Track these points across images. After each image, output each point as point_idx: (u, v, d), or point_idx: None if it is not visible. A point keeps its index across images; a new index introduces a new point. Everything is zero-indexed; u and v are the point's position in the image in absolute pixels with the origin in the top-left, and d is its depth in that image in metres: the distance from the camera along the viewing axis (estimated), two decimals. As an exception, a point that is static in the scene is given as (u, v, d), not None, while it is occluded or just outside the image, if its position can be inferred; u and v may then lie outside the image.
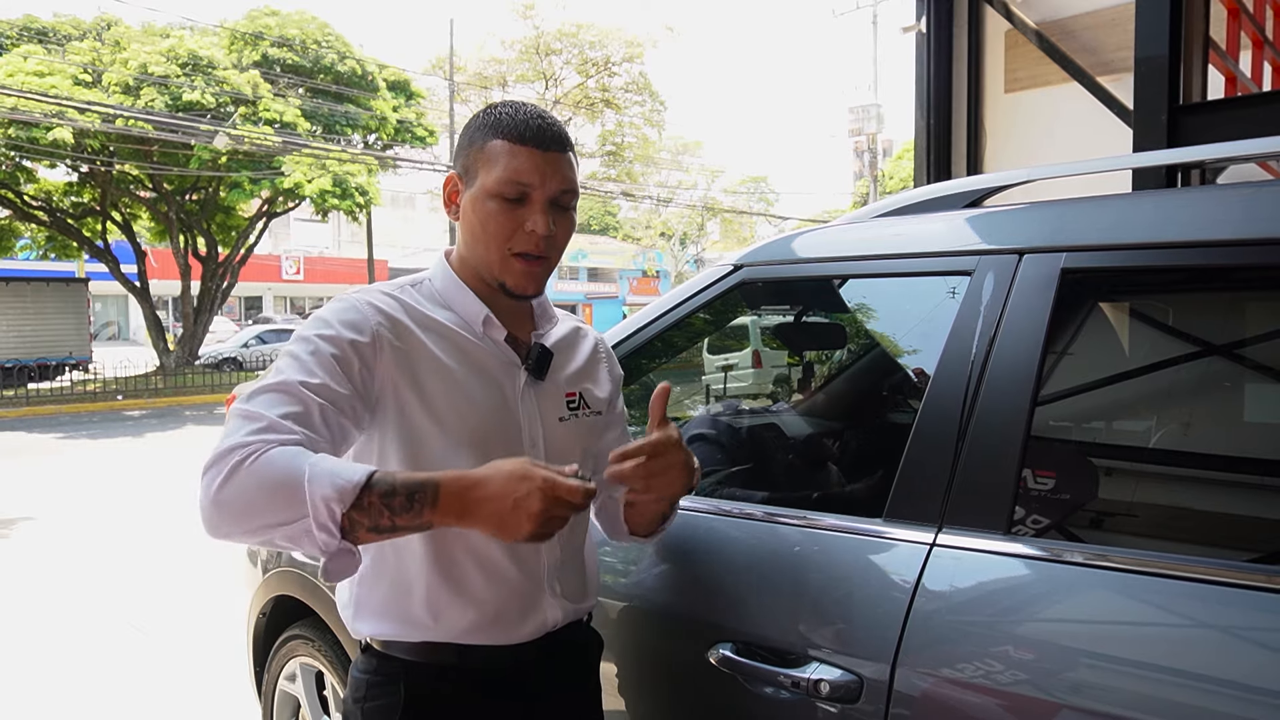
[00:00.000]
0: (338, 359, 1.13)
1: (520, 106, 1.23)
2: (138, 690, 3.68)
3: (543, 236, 1.20)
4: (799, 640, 1.27)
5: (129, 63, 15.35)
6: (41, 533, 6.56)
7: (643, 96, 26.05)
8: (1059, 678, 1.05)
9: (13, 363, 16.65)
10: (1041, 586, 1.14)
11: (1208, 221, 1.17)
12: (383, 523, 1.02)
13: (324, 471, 1.00)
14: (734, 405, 1.96)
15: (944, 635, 1.16)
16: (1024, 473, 1.21)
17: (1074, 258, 1.23)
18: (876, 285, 1.62)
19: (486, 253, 1.22)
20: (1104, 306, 1.50)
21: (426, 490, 1.03)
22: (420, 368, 1.19)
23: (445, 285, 1.28)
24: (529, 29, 24.12)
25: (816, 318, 2.09)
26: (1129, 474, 1.64)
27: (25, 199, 17.17)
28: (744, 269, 1.61)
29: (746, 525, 1.44)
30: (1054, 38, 5.43)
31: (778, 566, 1.36)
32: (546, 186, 1.20)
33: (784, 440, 1.98)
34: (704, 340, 5.22)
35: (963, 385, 1.26)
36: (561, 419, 1.31)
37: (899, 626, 1.18)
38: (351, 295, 1.22)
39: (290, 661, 2.33)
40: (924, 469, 1.27)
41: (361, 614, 1.24)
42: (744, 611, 1.34)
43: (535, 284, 1.25)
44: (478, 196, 1.20)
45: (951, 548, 1.21)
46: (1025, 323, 1.24)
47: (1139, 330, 1.67)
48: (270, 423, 1.05)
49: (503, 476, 1.04)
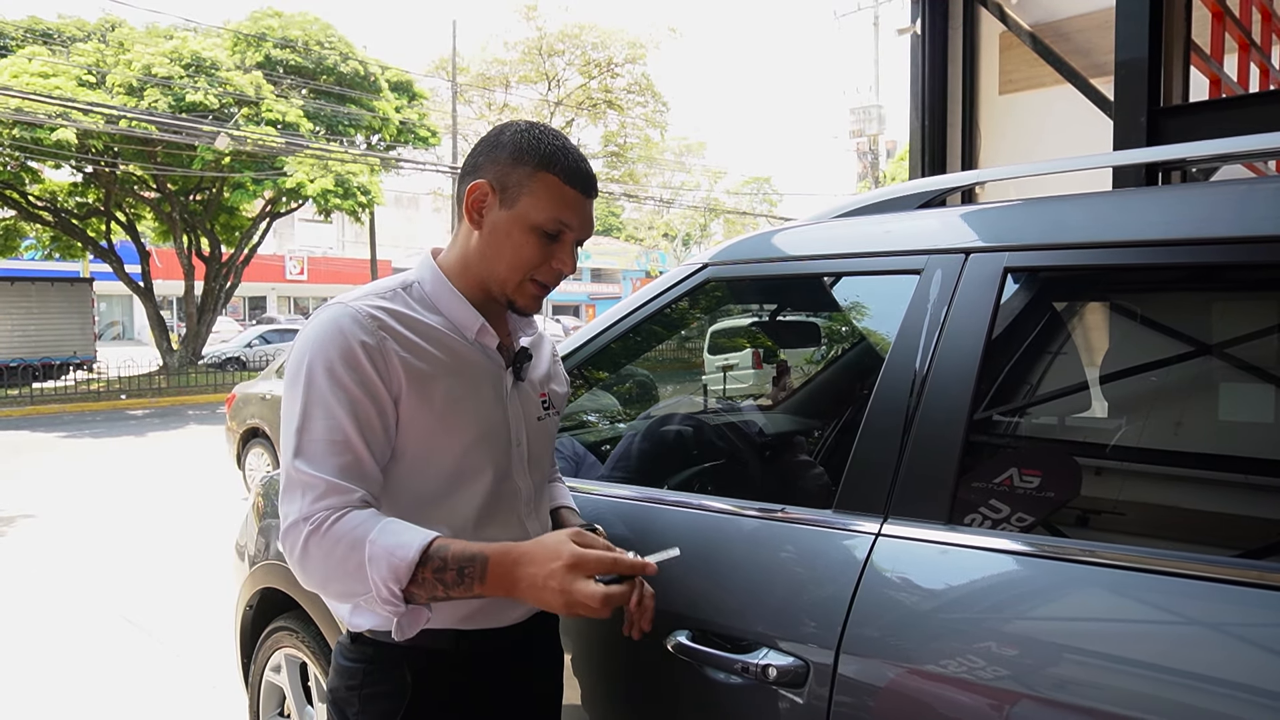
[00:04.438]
0: (365, 384, 1.17)
1: (568, 143, 1.27)
2: (131, 685, 3.72)
3: (567, 274, 1.30)
4: (751, 627, 1.32)
5: (133, 64, 15.43)
6: (41, 530, 6.62)
7: (645, 97, 26.11)
8: (996, 664, 1.09)
9: (18, 362, 16.74)
10: (982, 576, 1.18)
11: (1145, 222, 1.21)
12: (438, 594, 1.12)
13: (381, 551, 1.09)
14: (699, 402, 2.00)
15: (886, 622, 1.20)
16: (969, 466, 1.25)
17: (1016, 257, 1.27)
18: (835, 284, 1.67)
19: (508, 274, 1.27)
20: (1047, 305, 1.54)
21: (475, 565, 1.11)
22: (424, 374, 1.23)
23: (437, 290, 1.30)
24: (532, 30, 24.21)
25: (782, 316, 2.13)
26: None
27: (30, 199, 17.27)
28: (710, 268, 1.66)
29: (704, 517, 1.48)
30: (1048, 40, 5.46)
31: (733, 556, 1.40)
32: (582, 230, 1.28)
33: (744, 436, 2.02)
34: (706, 339, 5.27)
35: (909, 381, 1.30)
36: (539, 419, 1.40)
37: (843, 614, 1.22)
38: (351, 305, 1.22)
39: (275, 653, 2.38)
40: (871, 461, 1.31)
41: (359, 609, 1.26)
42: (700, 600, 1.38)
43: (539, 307, 1.34)
44: (517, 224, 1.24)
45: (896, 537, 1.25)
46: (969, 320, 1.28)
47: (1083, 328, 1.71)
48: (327, 486, 1.13)
49: (540, 551, 1.13)
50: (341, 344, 1.18)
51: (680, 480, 1.91)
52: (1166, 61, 3.23)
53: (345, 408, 1.16)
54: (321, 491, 1.13)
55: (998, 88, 5.97)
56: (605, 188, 27.64)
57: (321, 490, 1.13)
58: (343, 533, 1.11)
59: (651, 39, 24.74)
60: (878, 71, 23.67)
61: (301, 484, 1.14)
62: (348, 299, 1.24)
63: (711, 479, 1.91)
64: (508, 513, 1.33)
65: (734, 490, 1.83)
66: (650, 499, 1.55)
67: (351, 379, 1.16)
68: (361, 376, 1.17)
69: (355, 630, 1.30)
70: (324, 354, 1.18)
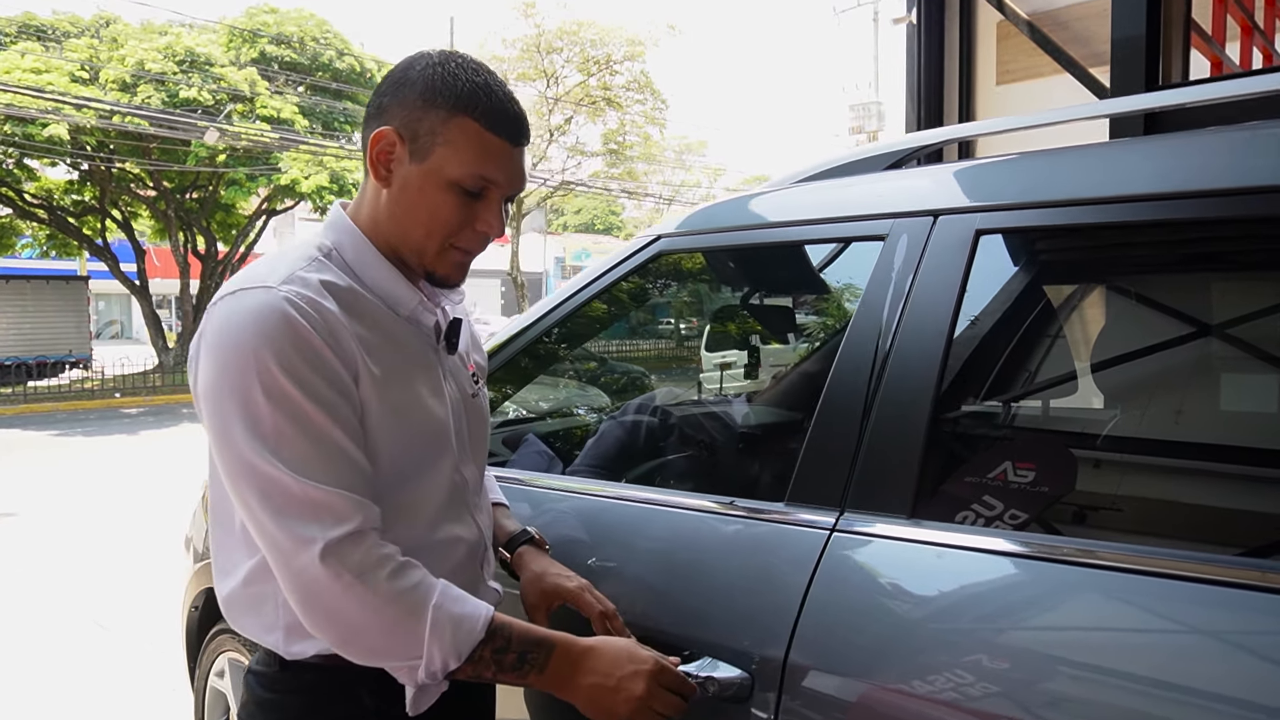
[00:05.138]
0: (334, 380, 0.99)
1: (492, 79, 1.06)
2: (90, 688, 3.60)
3: (494, 237, 1.10)
4: (694, 635, 1.18)
5: (126, 60, 15.34)
6: (21, 529, 6.50)
7: (644, 95, 25.94)
8: (965, 679, 0.96)
9: (12, 360, 16.64)
10: (949, 576, 1.04)
11: (1132, 175, 1.07)
12: (485, 675, 1.00)
13: (447, 621, 0.97)
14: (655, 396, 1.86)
15: (840, 629, 1.06)
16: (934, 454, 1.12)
17: (990, 218, 1.14)
18: (795, 254, 1.53)
19: (424, 240, 1.07)
20: (1028, 272, 1.40)
21: (541, 651, 1.01)
22: (373, 358, 1.04)
23: (363, 259, 1.08)
24: (530, 27, 24.04)
25: (742, 292, 1.99)
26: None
27: (26, 197, 17.18)
28: (663, 239, 1.52)
29: (646, 511, 1.34)
30: (1046, 29, 5.32)
31: (676, 554, 1.26)
32: (510, 185, 1.07)
33: (709, 426, 1.88)
34: (704, 337, 5.13)
35: (870, 358, 1.16)
36: (473, 395, 1.22)
37: (792, 620, 1.09)
38: (282, 289, 0.99)
39: (219, 657, 2.25)
40: (827, 449, 1.17)
41: (297, 634, 1.05)
42: (641, 602, 1.25)
43: (464, 275, 1.13)
44: (431, 180, 1.03)
45: (853, 533, 1.11)
46: (937, 291, 1.14)
47: (1068, 298, 1.57)
48: (342, 502, 0.96)
49: (613, 651, 1.02)
50: (291, 336, 0.96)
51: (637, 474, 1.77)
52: (1166, 40, 3.10)
53: (324, 411, 0.97)
54: (337, 515, 0.95)
55: (995, 78, 5.84)
56: (605, 186, 27.50)
57: (338, 508, 0.95)
58: (400, 591, 0.96)
59: (650, 36, 24.58)
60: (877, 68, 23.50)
61: (309, 504, 0.94)
62: (269, 279, 1.00)
63: (672, 472, 1.77)
64: (458, 508, 1.16)
65: (693, 484, 1.70)
66: (588, 492, 1.41)
67: (319, 376, 0.97)
68: (328, 372, 0.98)
69: (294, 658, 1.06)
70: (274, 350, 0.95)
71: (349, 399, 1.00)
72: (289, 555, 0.95)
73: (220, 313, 1.00)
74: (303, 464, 0.95)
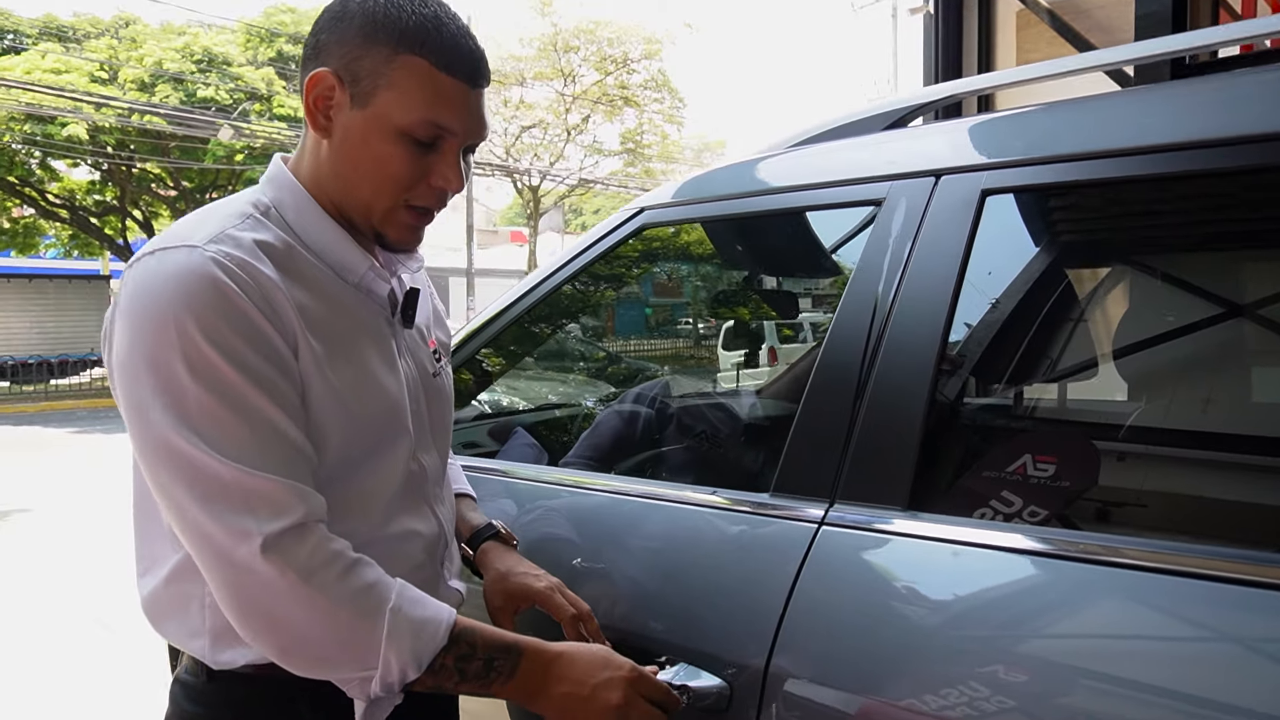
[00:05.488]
0: (272, 354, 0.87)
1: (441, 13, 0.92)
2: (91, 687, 3.55)
3: (452, 194, 0.96)
4: (669, 640, 1.07)
5: (144, 60, 15.45)
6: (34, 525, 6.51)
7: (662, 94, 25.84)
8: (967, 690, 0.84)
9: (35, 359, 16.82)
10: (945, 572, 0.93)
11: (1160, 122, 0.95)
12: (446, 685, 0.90)
13: (406, 627, 0.86)
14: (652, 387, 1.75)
15: (827, 630, 0.95)
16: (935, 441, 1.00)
17: (997, 176, 1.02)
18: (785, 223, 1.41)
19: (371, 197, 0.93)
20: (1040, 236, 1.28)
21: (509, 658, 0.91)
22: (317, 330, 0.92)
23: (306, 219, 0.96)
24: (547, 26, 24.01)
25: (724, 264, 1.87)
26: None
27: (48, 197, 17.36)
28: (646, 211, 1.41)
29: (618, 503, 1.24)
30: (1066, 17, 5.17)
31: (652, 551, 1.15)
32: (469, 134, 0.94)
33: (689, 415, 1.77)
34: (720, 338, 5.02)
35: (863, 335, 1.05)
36: (434, 374, 1.10)
37: (775, 622, 0.98)
38: (209, 249, 0.86)
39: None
40: (817, 435, 1.06)
41: (226, 640, 0.93)
42: (612, 603, 1.14)
43: (418, 240, 1.00)
44: (376, 129, 0.91)
45: (844, 526, 1.00)
46: (938, 258, 1.02)
47: (1086, 265, 1.44)
48: (284, 490, 0.84)
49: (587, 657, 0.94)
50: (219, 302, 0.83)
51: (625, 466, 1.66)
52: (1192, 14, 2.95)
53: (257, 388, 0.84)
54: (279, 500, 0.83)
55: (1015, 67, 5.69)
56: (624, 185, 27.36)
57: (278, 498, 0.83)
58: (353, 593, 0.84)
59: (668, 34, 24.51)
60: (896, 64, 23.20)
61: (241, 490, 0.82)
62: (193, 238, 0.86)
63: (656, 463, 1.66)
64: (415, 499, 1.04)
65: (673, 475, 1.59)
66: (559, 482, 1.31)
67: (251, 349, 0.85)
68: (262, 344, 0.86)
69: (223, 668, 0.93)
70: (198, 318, 0.82)
71: (287, 375, 0.88)
72: (223, 550, 0.82)
73: (136, 276, 0.87)
74: (234, 448, 0.83)
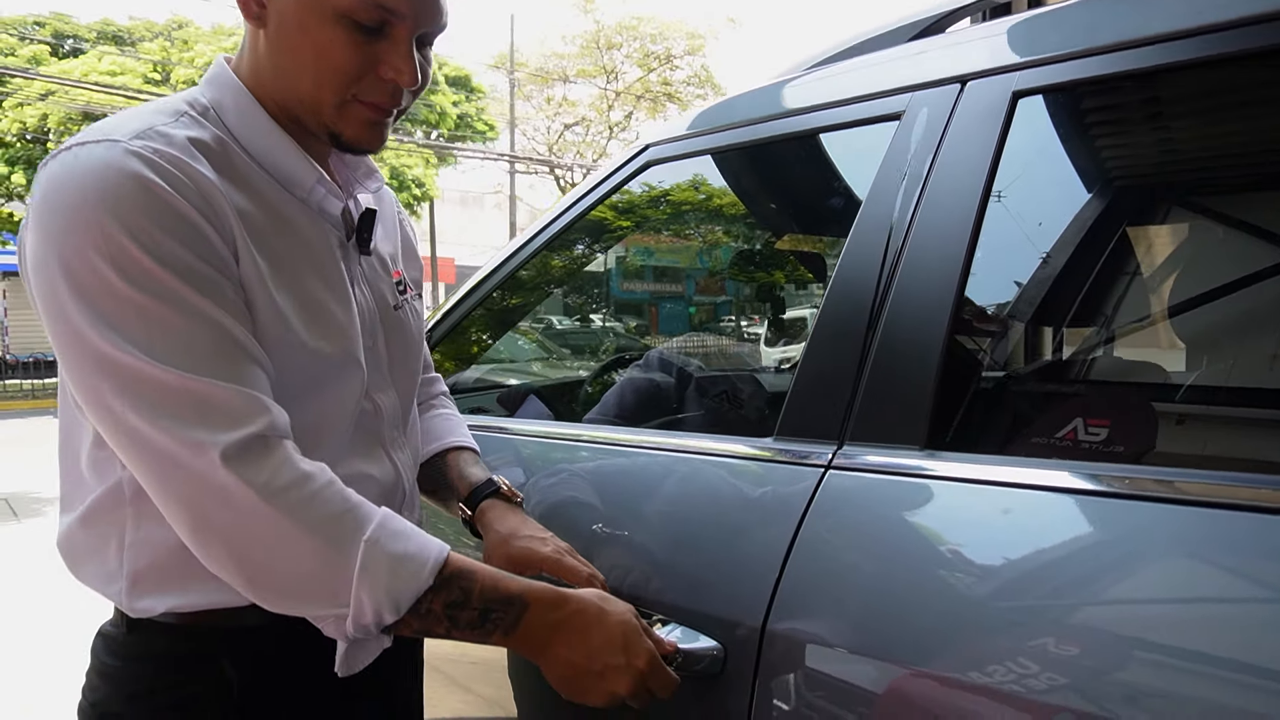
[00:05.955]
0: (211, 255, 0.77)
1: None
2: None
3: (406, 88, 0.85)
4: (661, 598, 0.97)
5: (195, 60, 15.80)
6: (45, 523, 6.61)
7: (705, 90, 25.66)
8: (991, 652, 0.73)
9: (34, 357, 17.25)
10: (969, 516, 0.81)
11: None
12: (436, 631, 0.80)
13: (384, 561, 0.76)
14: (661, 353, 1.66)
15: (833, 584, 0.84)
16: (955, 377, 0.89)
17: (1032, 75, 0.89)
18: (801, 150, 1.30)
19: (314, 91, 0.83)
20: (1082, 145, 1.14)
21: (510, 611, 0.80)
22: (258, 243, 0.82)
23: (249, 123, 0.86)
24: (590, 23, 24.02)
25: (737, 199, 1.75)
26: (1086, 378, 1.27)
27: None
28: (651, 148, 1.31)
29: (612, 453, 1.14)
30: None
31: (645, 502, 1.05)
32: (420, 19, 0.83)
33: (727, 374, 1.66)
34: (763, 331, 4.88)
35: (878, 260, 0.93)
36: (396, 307, 1.00)
37: (774, 577, 0.87)
38: (135, 144, 0.76)
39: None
40: (825, 371, 0.95)
41: (145, 585, 0.84)
42: (604, 560, 1.04)
43: (382, 138, 0.88)
44: (313, 11, 0.80)
45: (853, 469, 0.88)
46: (963, 172, 0.90)
47: (1128, 172, 1.29)
48: (236, 406, 0.74)
49: (606, 630, 0.82)
50: (146, 201, 0.74)
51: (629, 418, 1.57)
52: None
53: (197, 290, 0.75)
54: (235, 409, 0.74)
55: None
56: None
57: (234, 407, 0.74)
58: (323, 518, 0.75)
59: (711, 29, 24.35)
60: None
61: (189, 396, 0.73)
62: (116, 133, 0.76)
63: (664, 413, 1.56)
64: (369, 442, 0.94)
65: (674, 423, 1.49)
66: (532, 433, 1.21)
67: (186, 249, 0.75)
68: (199, 244, 0.76)
69: (138, 614, 0.85)
70: (121, 218, 0.73)
71: (230, 278, 0.78)
72: (178, 462, 0.72)
73: (49, 175, 0.77)
74: (176, 353, 0.73)
